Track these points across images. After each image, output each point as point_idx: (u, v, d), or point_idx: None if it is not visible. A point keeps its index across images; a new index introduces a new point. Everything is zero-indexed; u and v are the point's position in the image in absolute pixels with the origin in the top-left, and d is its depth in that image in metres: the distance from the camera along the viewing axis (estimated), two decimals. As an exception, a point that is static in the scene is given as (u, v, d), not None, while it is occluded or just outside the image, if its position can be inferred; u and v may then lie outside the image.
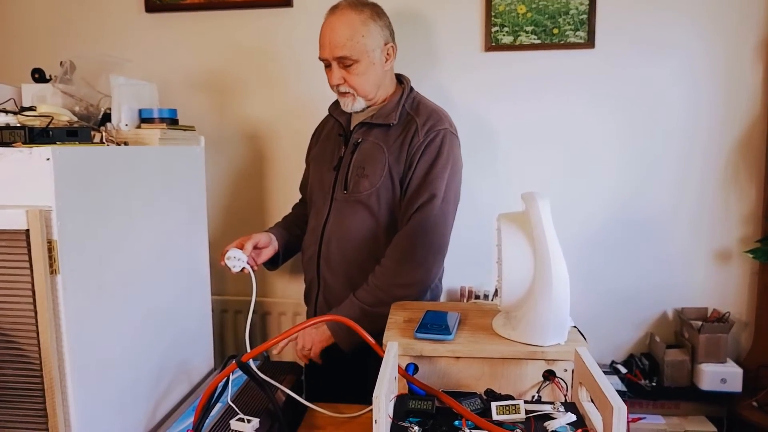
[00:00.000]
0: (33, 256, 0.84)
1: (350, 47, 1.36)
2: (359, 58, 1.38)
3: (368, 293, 1.37)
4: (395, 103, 1.45)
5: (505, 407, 0.83)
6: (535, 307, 0.94)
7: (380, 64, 1.42)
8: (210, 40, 1.99)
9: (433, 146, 1.39)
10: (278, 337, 1.06)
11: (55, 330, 0.86)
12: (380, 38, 1.41)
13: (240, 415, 1.06)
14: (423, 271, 1.37)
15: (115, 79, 1.20)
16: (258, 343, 2.05)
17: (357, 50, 1.37)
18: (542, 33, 1.84)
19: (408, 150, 1.40)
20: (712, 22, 1.80)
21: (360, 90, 1.42)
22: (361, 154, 1.43)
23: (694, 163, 1.87)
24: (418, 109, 1.45)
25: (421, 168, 1.39)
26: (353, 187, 1.42)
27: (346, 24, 1.37)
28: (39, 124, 0.96)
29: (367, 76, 1.41)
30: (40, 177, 0.85)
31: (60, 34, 2.05)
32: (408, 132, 1.41)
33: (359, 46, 1.37)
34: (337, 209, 1.45)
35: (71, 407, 0.89)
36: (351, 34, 1.36)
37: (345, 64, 1.39)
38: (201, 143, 1.41)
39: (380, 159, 1.40)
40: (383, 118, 1.43)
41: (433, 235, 1.38)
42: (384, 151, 1.41)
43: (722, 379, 1.77)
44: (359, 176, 1.41)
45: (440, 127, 1.41)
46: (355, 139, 1.45)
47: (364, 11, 1.39)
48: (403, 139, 1.41)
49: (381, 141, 1.42)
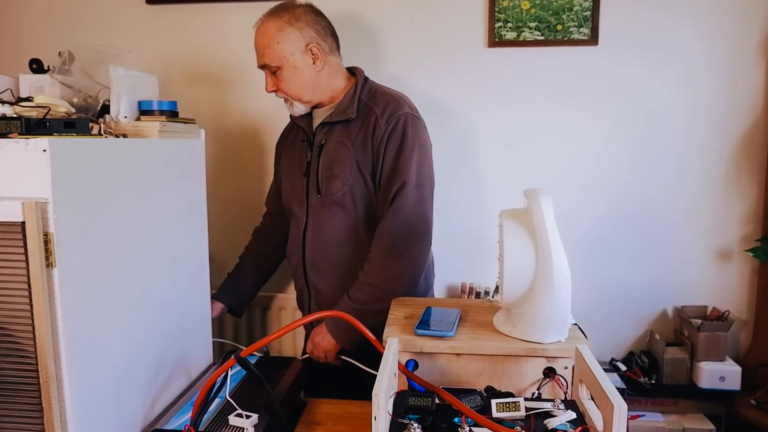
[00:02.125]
0: (29, 248, 0.83)
1: (269, 55, 1.39)
2: (280, 64, 1.40)
3: (361, 291, 1.36)
4: (350, 96, 1.43)
5: (505, 404, 0.82)
6: (536, 304, 0.93)
7: (306, 67, 1.41)
8: (211, 33, 1.97)
9: (396, 133, 1.38)
10: (278, 333, 1.05)
11: (51, 324, 0.85)
12: (298, 41, 1.40)
13: (238, 410, 1.05)
14: (410, 259, 1.37)
15: (115, 70, 1.18)
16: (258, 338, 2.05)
17: (275, 57, 1.39)
18: (546, 29, 1.82)
19: (372, 141, 1.39)
20: (714, 21, 1.80)
21: (291, 94, 1.43)
22: (327, 155, 1.42)
23: (695, 161, 1.86)
24: (375, 98, 1.43)
25: (389, 157, 1.38)
26: (326, 190, 1.41)
27: (263, 32, 1.40)
28: (36, 115, 0.95)
29: (294, 81, 1.41)
30: (37, 168, 0.84)
31: (59, 25, 2.03)
32: (368, 123, 1.40)
33: (276, 52, 1.39)
34: (314, 215, 1.45)
35: (67, 401, 0.88)
36: (267, 42, 1.39)
37: (272, 71, 1.42)
38: (201, 136, 1.40)
39: (346, 156, 1.40)
40: (341, 114, 1.42)
41: (413, 222, 1.36)
42: (348, 148, 1.40)
43: (721, 377, 1.77)
44: (329, 178, 1.41)
45: (400, 112, 1.39)
46: (319, 140, 1.44)
47: (283, 16, 1.39)
48: (365, 132, 1.40)
49: (344, 138, 1.41)
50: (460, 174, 1.94)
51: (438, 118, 1.90)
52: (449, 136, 1.92)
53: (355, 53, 1.91)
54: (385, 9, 1.90)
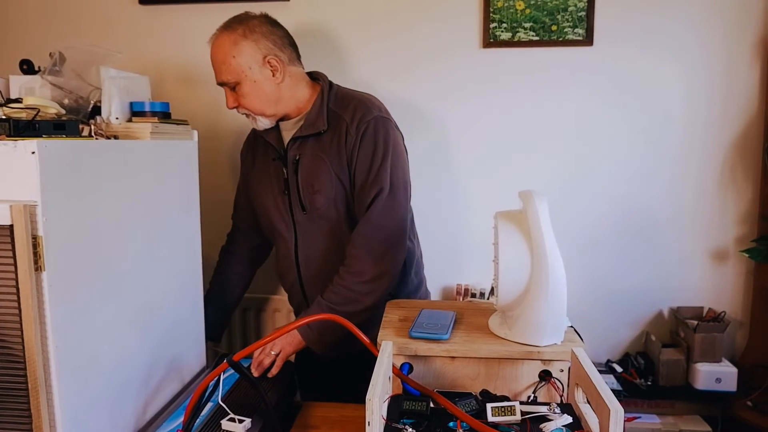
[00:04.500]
0: (17, 252, 0.82)
1: (225, 71, 1.35)
2: (238, 80, 1.35)
3: (335, 293, 1.34)
4: (318, 107, 1.39)
5: (501, 409, 0.81)
6: (531, 306, 0.92)
7: (266, 80, 1.36)
8: (205, 34, 1.94)
9: (366, 138, 1.35)
10: (271, 336, 1.04)
11: (39, 328, 0.84)
12: (255, 54, 1.34)
13: (231, 414, 1.04)
14: (385, 263, 1.35)
15: (106, 71, 1.17)
16: (252, 341, 2.04)
17: (232, 72, 1.34)
18: (540, 30, 1.82)
19: (345, 150, 1.36)
20: (710, 22, 1.80)
21: (253, 109, 1.38)
22: (304, 171, 1.39)
23: (690, 161, 1.86)
24: (342, 105, 1.40)
25: (363, 164, 1.36)
26: (310, 206, 1.40)
27: (217, 48, 1.35)
28: (25, 116, 0.94)
29: (255, 95, 1.36)
30: (25, 171, 0.82)
31: (50, 26, 2.01)
32: (340, 132, 1.37)
33: (232, 68, 1.34)
34: (302, 231, 1.43)
35: (56, 407, 0.87)
36: (222, 58, 1.34)
37: (231, 87, 1.37)
38: (194, 137, 1.39)
39: (325, 170, 1.37)
40: (311, 127, 1.38)
41: (389, 227, 1.35)
42: (325, 161, 1.37)
43: (717, 378, 1.76)
44: (312, 194, 1.39)
45: (369, 117, 1.36)
46: (293, 156, 1.41)
47: (236, 30, 1.35)
48: (338, 142, 1.37)
49: (318, 151, 1.38)
50: (454, 175, 1.93)
51: (432, 118, 1.90)
52: (444, 136, 1.91)
53: (349, 55, 1.91)
54: (379, 10, 1.89)
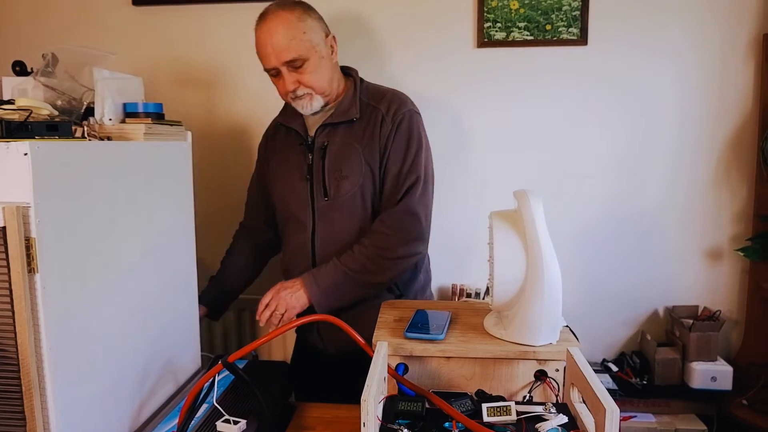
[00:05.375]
0: (10, 254, 0.81)
1: (295, 48, 1.31)
2: (308, 56, 1.33)
3: (354, 260, 1.35)
4: (351, 97, 1.41)
5: (496, 409, 0.81)
6: (526, 306, 0.92)
7: (328, 58, 1.39)
8: (198, 34, 1.96)
9: (402, 130, 1.38)
10: (267, 336, 1.03)
11: (33, 330, 0.83)
12: (320, 31, 1.37)
13: (226, 416, 1.04)
14: (411, 248, 1.38)
15: (99, 72, 1.16)
16: (247, 342, 2.03)
17: (303, 48, 1.32)
18: (535, 29, 1.82)
19: (379, 139, 1.38)
20: (704, 20, 1.80)
21: (317, 88, 1.37)
22: (332, 156, 1.39)
23: (685, 160, 1.87)
24: (376, 97, 1.43)
25: (398, 152, 1.38)
26: (335, 192, 1.39)
27: (284, 25, 1.31)
28: (17, 117, 0.93)
29: (321, 72, 1.36)
30: (18, 172, 0.82)
31: (44, 27, 2.01)
32: (374, 122, 1.39)
33: (304, 43, 1.32)
34: (322, 218, 1.42)
35: (51, 409, 0.87)
36: (293, 33, 1.31)
37: (295, 66, 1.34)
38: (188, 139, 1.38)
39: (355, 156, 1.38)
40: (344, 114, 1.40)
41: (421, 215, 1.38)
42: (356, 148, 1.38)
43: (713, 377, 1.77)
44: (338, 179, 1.38)
45: (404, 109, 1.40)
46: (321, 143, 1.41)
47: (296, 9, 1.35)
48: (372, 131, 1.38)
49: (349, 138, 1.39)
50: (449, 174, 1.93)
51: (427, 118, 1.89)
52: (439, 136, 1.91)
53: (344, 53, 1.90)
54: (373, 10, 1.89)
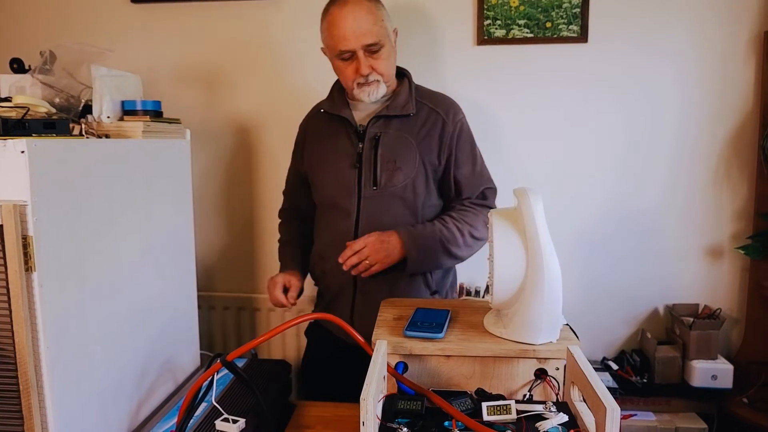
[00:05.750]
0: (7, 252, 0.81)
1: (376, 32, 1.35)
2: (384, 43, 1.37)
3: (448, 229, 1.38)
4: (407, 93, 1.43)
5: (496, 407, 0.81)
6: (526, 304, 0.92)
7: (394, 49, 1.43)
8: (197, 32, 1.95)
9: (464, 134, 1.45)
10: (266, 335, 1.03)
11: (30, 329, 0.83)
12: (390, 22, 1.41)
13: (225, 415, 1.03)
14: (485, 234, 1.41)
15: (97, 69, 1.16)
16: (247, 340, 2.03)
17: (382, 35, 1.36)
18: (535, 27, 1.81)
19: (441, 140, 1.41)
20: (704, 18, 1.79)
21: (386, 75, 1.40)
22: (386, 147, 1.40)
23: (685, 158, 1.86)
24: (433, 99, 1.46)
25: (465, 155, 1.44)
26: (386, 182, 1.39)
27: (366, 10, 1.35)
28: (15, 115, 0.93)
29: (390, 60, 1.41)
30: (15, 170, 0.82)
31: (42, 24, 2.00)
32: (433, 122, 1.42)
33: (382, 30, 1.36)
34: (368, 207, 1.40)
35: (48, 408, 0.87)
36: (374, 19, 1.35)
37: (372, 51, 1.37)
38: (187, 136, 1.38)
39: (410, 150, 1.39)
40: (400, 108, 1.41)
41: (486, 217, 1.41)
42: (411, 142, 1.40)
43: (713, 375, 1.77)
44: (392, 170, 1.39)
45: (461, 115, 1.46)
46: (373, 133, 1.41)
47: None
48: (429, 130, 1.41)
49: (404, 132, 1.41)
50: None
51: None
52: (439, 135, 1.91)
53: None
54: (374, 7, 1.88)
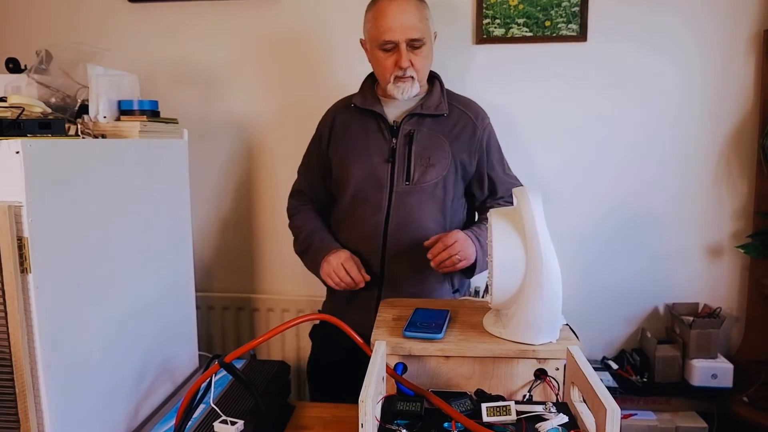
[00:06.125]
0: (2, 254, 0.80)
1: (421, 29, 1.36)
2: (426, 41, 1.39)
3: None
4: (439, 93, 1.46)
5: (496, 408, 0.80)
6: (526, 304, 0.91)
7: (432, 50, 1.43)
8: (195, 31, 1.94)
9: (493, 138, 1.50)
10: (264, 336, 1.02)
11: (26, 331, 0.83)
12: (434, 25, 1.43)
13: (223, 416, 1.03)
14: None
15: (93, 69, 1.15)
16: (246, 341, 2.02)
17: (425, 32, 1.38)
18: (534, 25, 1.81)
19: (475, 142, 1.45)
20: (704, 16, 1.79)
21: (421, 73, 1.42)
22: (420, 144, 1.41)
23: (686, 157, 1.86)
24: (463, 103, 1.49)
25: (496, 157, 1.50)
26: (419, 177, 1.41)
27: (414, 7, 1.37)
28: (9, 115, 0.92)
29: (428, 60, 1.42)
30: (10, 171, 0.81)
31: (38, 23, 1.99)
32: (464, 124, 1.45)
33: (426, 28, 1.38)
34: (399, 201, 1.41)
35: (45, 411, 0.86)
36: (420, 15, 1.37)
37: (414, 47, 1.38)
38: (184, 136, 1.37)
39: (444, 148, 1.42)
40: (434, 108, 1.43)
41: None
42: (444, 140, 1.43)
43: (713, 374, 1.76)
44: (425, 166, 1.41)
45: (488, 120, 1.50)
46: (406, 130, 1.42)
47: None
48: (460, 131, 1.44)
49: (437, 131, 1.43)
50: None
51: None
52: (438, 134, 1.90)
53: (341, 53, 1.89)
54: (372, 6, 1.87)
